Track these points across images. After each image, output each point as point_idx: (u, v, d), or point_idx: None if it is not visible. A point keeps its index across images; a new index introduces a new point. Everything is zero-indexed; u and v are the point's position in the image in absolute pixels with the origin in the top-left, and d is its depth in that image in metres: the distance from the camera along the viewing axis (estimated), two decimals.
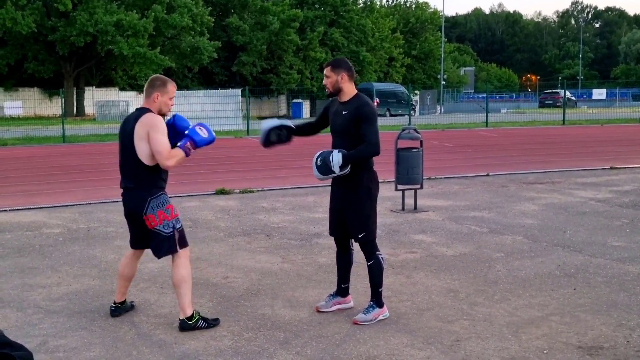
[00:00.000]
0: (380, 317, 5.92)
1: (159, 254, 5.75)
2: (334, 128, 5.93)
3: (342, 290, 6.28)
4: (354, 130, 5.71)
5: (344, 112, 5.79)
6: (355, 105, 5.75)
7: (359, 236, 5.85)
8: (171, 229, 5.65)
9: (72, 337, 5.56)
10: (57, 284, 7.14)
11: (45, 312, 6.25)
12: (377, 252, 5.93)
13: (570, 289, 6.75)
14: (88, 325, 5.84)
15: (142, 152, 5.47)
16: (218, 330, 5.67)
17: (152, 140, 5.42)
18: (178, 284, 5.69)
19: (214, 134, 5.77)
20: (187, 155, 5.57)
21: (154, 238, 5.67)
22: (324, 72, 5.95)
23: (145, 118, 5.51)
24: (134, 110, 5.80)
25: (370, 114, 5.70)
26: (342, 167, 5.63)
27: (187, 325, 5.67)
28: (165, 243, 5.66)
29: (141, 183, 5.59)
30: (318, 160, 5.70)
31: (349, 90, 5.87)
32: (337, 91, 5.87)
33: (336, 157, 5.61)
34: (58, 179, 16.27)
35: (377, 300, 5.96)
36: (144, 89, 5.77)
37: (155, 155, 5.44)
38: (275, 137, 6.15)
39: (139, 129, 5.46)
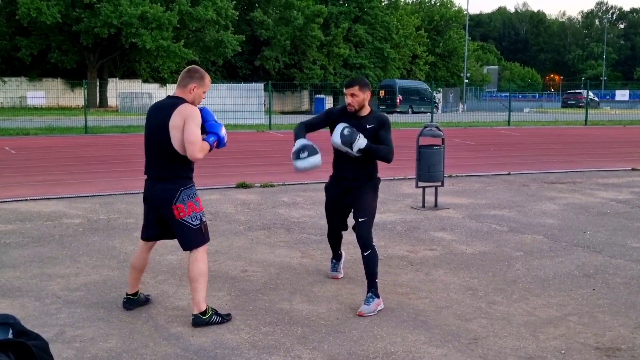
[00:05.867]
0: (379, 308, 6.04)
1: (187, 246, 5.68)
2: None
3: (339, 255, 6.97)
4: (374, 142, 6.15)
5: (368, 127, 6.17)
6: (377, 119, 6.25)
7: (361, 220, 6.13)
8: (199, 222, 5.63)
9: (90, 328, 5.59)
10: (76, 274, 7.17)
11: (63, 302, 6.27)
12: (373, 243, 6.13)
13: (589, 289, 6.71)
14: (105, 316, 5.86)
15: (177, 141, 5.43)
16: (235, 323, 5.68)
17: (187, 130, 5.37)
18: (195, 277, 5.63)
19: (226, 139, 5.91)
20: (210, 150, 5.61)
21: (180, 229, 5.62)
22: (351, 91, 6.18)
23: (184, 107, 5.46)
24: (166, 98, 5.77)
25: (389, 123, 6.32)
26: (359, 151, 6.02)
27: (201, 320, 5.62)
28: (193, 236, 5.63)
29: (174, 172, 5.56)
30: (345, 130, 6.02)
31: (367, 105, 6.30)
32: (361, 108, 6.22)
33: (362, 141, 5.99)
34: (79, 169, 16.35)
35: (375, 291, 6.09)
36: (180, 77, 5.70)
37: (188, 145, 5.39)
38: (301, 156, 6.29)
39: (176, 117, 5.41)
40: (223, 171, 15.70)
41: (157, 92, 49.60)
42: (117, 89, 56.45)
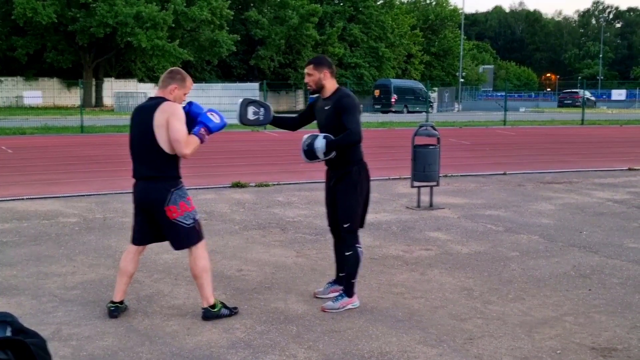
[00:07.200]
0: (349, 307, 6.06)
1: (179, 246, 5.70)
2: (320, 123, 6.19)
3: (341, 279, 6.38)
4: (337, 123, 5.90)
5: (326, 107, 6.04)
6: (336, 99, 5.99)
7: (344, 226, 6.02)
8: (192, 221, 5.64)
9: (86, 326, 5.59)
10: (72, 272, 7.18)
11: (60, 300, 6.28)
12: (357, 245, 6.07)
13: (585, 289, 6.72)
14: (102, 315, 5.86)
15: (163, 140, 5.43)
16: (231, 322, 5.68)
17: (171, 128, 5.38)
18: (199, 274, 5.68)
19: (225, 119, 5.80)
20: (202, 142, 5.58)
21: (173, 230, 5.61)
22: (306, 70, 6.16)
23: (166, 106, 5.47)
24: (147, 99, 5.77)
25: (350, 104, 5.93)
26: (326, 153, 5.86)
27: (211, 313, 5.70)
28: (187, 235, 5.63)
29: (163, 173, 5.55)
30: (305, 146, 5.92)
31: (331, 86, 6.11)
32: (320, 88, 6.11)
33: (320, 144, 5.82)
34: (75, 168, 16.34)
35: (347, 290, 6.10)
36: (162, 79, 5.72)
37: (174, 143, 5.40)
38: (252, 114, 6.33)
39: (159, 116, 5.42)
40: (218, 171, 15.70)
41: (152, 92, 49.17)
42: (112, 88, 56.42)
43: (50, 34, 53.12)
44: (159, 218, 5.62)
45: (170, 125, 5.40)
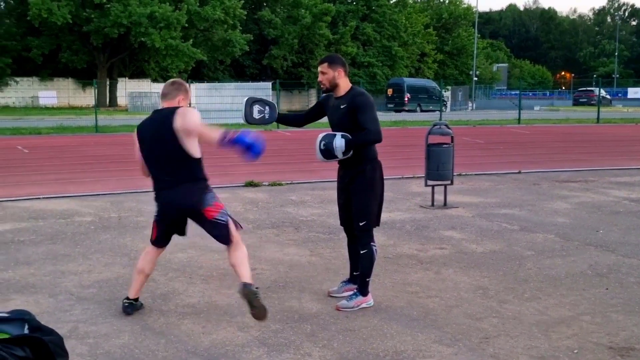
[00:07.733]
0: (364, 305, 6.04)
1: (227, 240, 5.67)
2: (333, 123, 6.10)
3: (355, 278, 6.36)
4: (352, 123, 5.84)
5: (341, 107, 5.95)
6: (350, 98, 5.92)
7: (360, 224, 5.98)
8: (227, 216, 5.68)
9: (102, 324, 5.61)
10: (89, 271, 7.20)
11: (77, 298, 6.30)
12: (372, 243, 6.03)
13: (602, 288, 6.68)
14: (118, 313, 5.88)
15: (192, 146, 5.46)
16: (245, 321, 5.68)
17: (189, 122, 5.39)
18: (239, 262, 5.61)
19: (260, 152, 5.77)
20: (222, 140, 5.50)
21: (216, 229, 5.63)
22: (320, 69, 6.06)
23: (183, 110, 5.49)
24: (153, 113, 5.72)
25: (365, 102, 5.86)
26: (344, 152, 5.80)
27: (250, 290, 5.38)
28: (229, 229, 5.65)
29: (195, 176, 5.59)
30: (322, 145, 5.85)
31: (345, 85, 6.03)
32: (334, 87, 6.03)
33: (339, 143, 5.75)
34: (90, 168, 16.39)
35: (361, 289, 6.08)
36: (167, 90, 5.70)
37: (210, 141, 5.49)
38: (257, 112, 6.34)
39: (180, 120, 5.40)
40: (231, 170, 15.71)
41: None
42: (126, 88, 56.66)
43: (65, 35, 53.40)
44: (198, 220, 5.66)
45: (188, 121, 5.39)
